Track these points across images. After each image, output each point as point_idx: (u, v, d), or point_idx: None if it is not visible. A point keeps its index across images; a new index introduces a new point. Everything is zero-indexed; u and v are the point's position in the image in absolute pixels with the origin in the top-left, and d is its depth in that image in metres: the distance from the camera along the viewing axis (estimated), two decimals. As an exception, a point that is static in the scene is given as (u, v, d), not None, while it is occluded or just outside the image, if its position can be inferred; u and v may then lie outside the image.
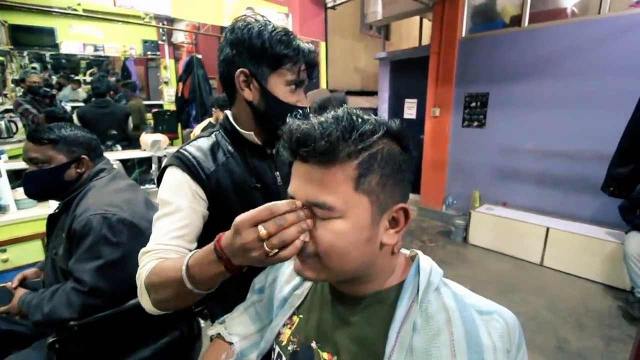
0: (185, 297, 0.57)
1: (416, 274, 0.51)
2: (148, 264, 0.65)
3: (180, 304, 0.62)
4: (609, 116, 2.95)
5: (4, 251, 1.83)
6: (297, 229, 0.42)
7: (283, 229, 0.42)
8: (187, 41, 5.33)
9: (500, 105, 3.70)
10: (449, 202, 4.27)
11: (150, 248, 0.69)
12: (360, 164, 0.43)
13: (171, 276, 0.57)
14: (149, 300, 0.63)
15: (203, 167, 0.77)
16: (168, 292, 0.59)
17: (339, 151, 0.42)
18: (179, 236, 0.71)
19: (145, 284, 0.63)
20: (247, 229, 0.43)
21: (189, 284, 0.54)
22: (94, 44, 4.75)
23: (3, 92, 4.25)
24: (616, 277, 2.70)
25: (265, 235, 0.41)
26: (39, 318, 0.98)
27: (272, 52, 0.74)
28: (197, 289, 0.54)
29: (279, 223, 0.42)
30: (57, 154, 1.12)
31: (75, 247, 1.03)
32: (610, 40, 2.92)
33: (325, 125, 0.43)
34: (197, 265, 0.53)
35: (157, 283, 0.61)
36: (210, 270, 0.51)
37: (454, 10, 3.89)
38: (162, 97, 5.42)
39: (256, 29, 0.75)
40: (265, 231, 0.41)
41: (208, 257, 0.51)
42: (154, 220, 0.74)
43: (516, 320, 0.47)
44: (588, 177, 3.12)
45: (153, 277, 0.62)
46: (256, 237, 0.42)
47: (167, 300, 0.61)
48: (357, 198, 0.44)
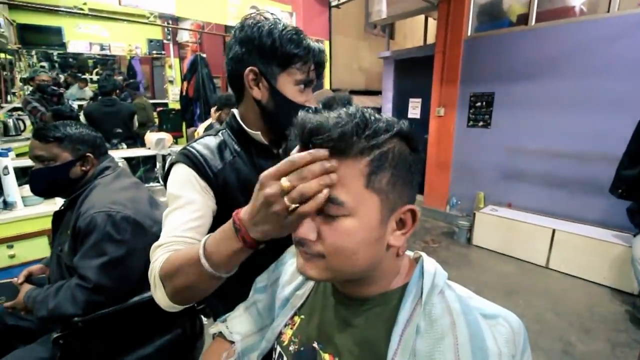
0: (203, 282, 0.55)
1: (420, 276, 0.50)
2: (161, 256, 0.63)
3: (198, 293, 0.59)
4: (617, 117, 2.91)
5: (11, 247, 1.85)
6: (318, 182, 0.40)
7: (305, 181, 0.40)
8: (192, 40, 5.35)
9: (506, 105, 3.67)
10: (453, 203, 4.24)
11: (163, 241, 0.67)
12: (371, 161, 0.42)
13: (187, 261, 0.55)
14: (164, 293, 0.60)
15: (210, 165, 0.76)
16: (185, 279, 0.56)
17: (351, 145, 0.41)
18: (192, 227, 0.69)
19: (159, 275, 0.60)
20: (270, 180, 0.42)
21: (208, 266, 0.51)
22: (100, 43, 4.81)
23: (12, 90, 4.31)
24: (623, 280, 2.67)
25: (288, 187, 0.40)
26: (44, 314, 1.00)
27: (283, 51, 0.74)
28: (217, 272, 0.52)
29: (301, 176, 0.40)
30: (62, 152, 1.13)
31: (79, 244, 1.03)
32: (620, 39, 2.88)
33: (339, 119, 0.42)
34: (215, 245, 0.51)
35: (172, 271, 0.58)
36: (229, 247, 0.49)
37: (459, 9, 3.86)
38: (167, 96, 5.46)
39: (266, 27, 0.74)
40: (288, 183, 0.40)
41: (226, 233, 0.50)
42: (164, 216, 0.73)
43: (521, 324, 0.47)
44: (595, 179, 3.08)
45: (168, 265, 0.59)
46: (278, 189, 0.40)
47: (184, 289, 0.58)
48: (367, 196, 0.43)
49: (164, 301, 0.61)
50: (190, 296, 0.60)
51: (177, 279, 0.57)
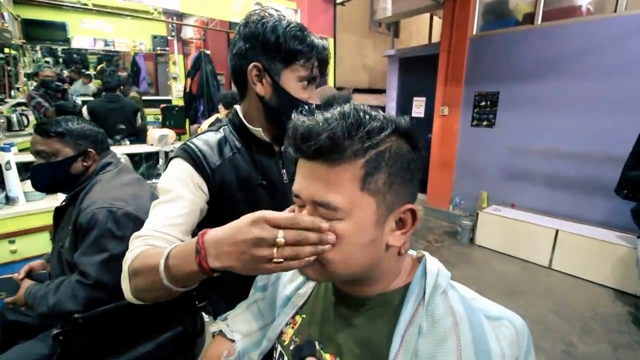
0: (160, 290, 0.53)
1: (423, 276, 0.50)
2: (136, 248, 0.62)
3: (156, 297, 0.58)
4: (622, 117, 2.88)
5: (13, 242, 1.85)
6: (312, 250, 0.40)
7: (301, 244, 0.40)
8: (196, 37, 5.35)
9: (511, 105, 3.64)
10: (456, 202, 4.23)
11: (142, 233, 0.66)
12: (367, 163, 0.41)
13: (150, 265, 0.53)
14: (129, 287, 0.60)
15: (209, 161, 0.76)
16: (145, 282, 0.56)
17: (344, 149, 0.41)
18: (174, 224, 0.69)
19: (128, 268, 0.60)
20: (266, 225, 0.40)
21: (165, 278, 0.50)
22: (104, 39, 4.80)
23: (16, 85, 4.32)
24: (626, 281, 2.65)
25: (282, 242, 0.40)
26: (44, 310, 0.99)
27: (286, 47, 0.73)
28: (173, 285, 0.50)
29: (299, 237, 0.40)
30: (64, 147, 1.12)
31: (80, 240, 1.03)
32: (626, 39, 2.85)
33: (330, 122, 0.41)
34: (176, 258, 0.49)
35: (137, 270, 0.58)
36: (187, 266, 0.47)
37: (465, 8, 3.83)
38: (170, 92, 5.46)
39: (270, 23, 0.74)
40: (284, 239, 0.40)
41: (187, 251, 0.47)
42: (152, 207, 0.72)
43: (525, 326, 0.46)
44: (599, 179, 3.06)
45: (136, 262, 0.59)
46: (271, 238, 0.40)
47: (144, 290, 0.58)
48: (363, 199, 0.42)
49: (127, 295, 0.61)
50: (150, 298, 0.59)
51: (140, 279, 0.57)
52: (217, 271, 0.45)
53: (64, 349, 0.98)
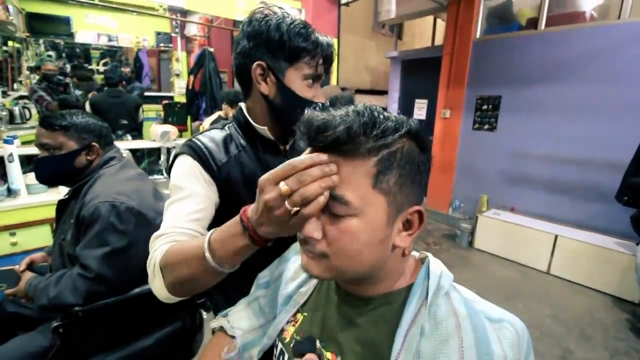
0: (205, 276, 0.54)
1: (426, 277, 0.50)
2: (162, 246, 0.62)
3: (198, 286, 0.58)
4: (624, 124, 2.89)
5: (14, 234, 1.85)
6: (319, 184, 0.40)
7: (305, 184, 0.40)
8: (200, 34, 5.35)
9: (513, 109, 3.65)
10: (456, 205, 4.23)
11: (164, 231, 0.65)
12: (380, 161, 0.42)
13: (191, 253, 0.54)
14: (163, 283, 0.59)
15: (215, 157, 0.76)
16: (186, 271, 0.55)
17: (359, 144, 0.41)
18: (194, 219, 0.69)
19: (160, 264, 0.59)
20: (269, 185, 0.41)
21: (212, 261, 0.50)
22: (108, 34, 4.81)
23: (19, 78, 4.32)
24: (624, 288, 2.65)
25: (287, 191, 0.39)
26: (45, 302, 1.00)
27: (291, 45, 0.73)
28: (220, 267, 0.51)
29: (300, 179, 0.40)
30: (68, 141, 1.13)
31: (82, 234, 1.03)
32: (630, 46, 2.85)
33: (346, 117, 0.41)
34: (220, 240, 0.50)
35: (174, 262, 0.57)
36: (235, 243, 0.49)
37: (469, 11, 3.83)
38: (173, 89, 5.46)
39: (274, 21, 0.73)
40: (287, 187, 0.39)
41: (232, 230, 0.49)
42: (166, 207, 0.72)
43: (525, 329, 0.46)
44: (599, 186, 3.07)
45: (169, 256, 0.58)
46: (278, 194, 0.40)
47: (184, 281, 0.57)
48: (374, 196, 0.42)
49: (161, 292, 0.60)
50: (190, 289, 0.59)
51: (178, 270, 0.56)
52: (269, 240, 0.48)
53: (63, 341, 0.99)
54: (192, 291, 0.60)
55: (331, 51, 0.79)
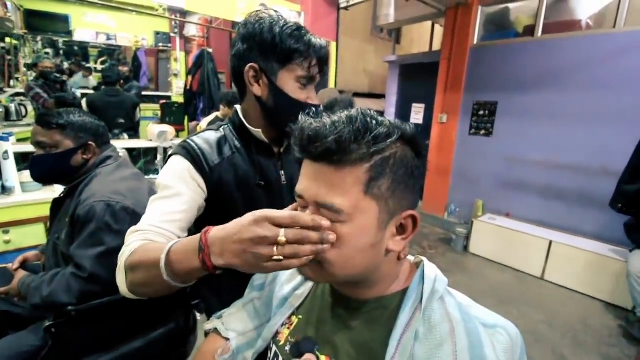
0: (160, 285, 0.53)
1: (420, 281, 0.50)
2: (134, 242, 0.62)
3: (153, 292, 0.58)
4: (619, 132, 2.92)
5: (7, 232, 1.84)
6: (312, 249, 0.41)
7: (301, 243, 0.40)
8: (199, 35, 5.35)
9: (509, 115, 3.68)
10: (452, 210, 4.25)
11: (140, 228, 0.66)
12: (372, 168, 0.42)
13: (152, 259, 0.53)
14: (125, 281, 0.59)
15: (208, 159, 0.76)
16: (143, 277, 0.56)
17: (350, 152, 0.41)
18: (172, 220, 0.69)
19: (125, 262, 0.60)
20: (267, 224, 0.41)
21: (165, 273, 0.50)
22: (106, 33, 4.79)
23: (15, 75, 4.29)
24: (618, 295, 2.67)
25: (283, 241, 0.40)
26: (38, 301, 0.99)
27: (283, 46, 0.73)
28: (173, 280, 0.51)
29: (300, 236, 0.40)
30: (65, 139, 1.12)
31: (77, 233, 1.03)
32: (625, 54, 2.89)
33: (338, 125, 0.42)
34: (178, 254, 0.50)
35: (135, 264, 0.58)
36: (189, 262, 0.48)
37: (466, 17, 3.87)
38: (170, 89, 5.45)
39: (267, 23, 0.73)
40: (284, 238, 0.40)
41: (190, 247, 0.48)
42: (150, 202, 0.72)
43: (519, 335, 0.46)
44: (594, 192, 3.09)
45: (134, 256, 0.59)
46: (273, 237, 0.40)
47: (141, 285, 0.58)
48: (366, 203, 0.43)
49: (123, 289, 0.61)
50: (146, 293, 0.59)
51: (138, 273, 0.57)
52: (219, 269, 0.45)
53: (55, 341, 0.98)
54: (149, 295, 0.60)
55: (325, 53, 0.78)
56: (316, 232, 0.41)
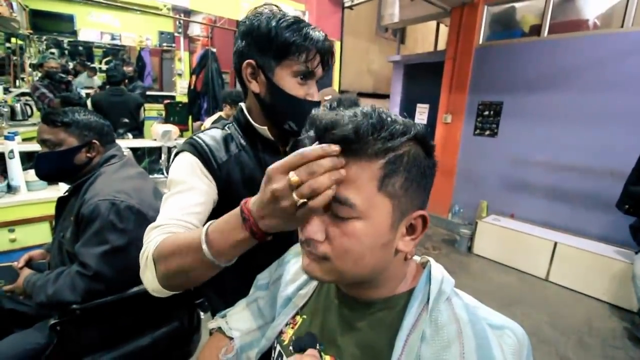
0: (199, 269, 0.52)
1: (427, 281, 0.49)
2: (157, 237, 0.60)
3: (191, 279, 0.56)
4: (625, 133, 2.89)
5: (12, 231, 1.85)
6: (329, 177, 0.39)
7: (315, 176, 0.39)
8: (203, 34, 5.36)
9: (514, 115, 3.65)
10: (456, 211, 4.23)
11: (160, 223, 0.64)
12: (386, 164, 0.41)
13: (186, 244, 0.52)
14: (155, 275, 0.57)
15: (215, 155, 0.75)
16: (180, 263, 0.53)
17: (366, 145, 0.40)
18: (193, 213, 0.67)
19: (153, 255, 0.57)
20: (278, 174, 0.40)
21: (208, 253, 0.49)
22: (111, 33, 4.82)
23: (21, 75, 4.32)
24: (623, 297, 2.65)
25: (296, 182, 0.38)
26: (43, 299, 0.99)
27: (278, 40, 0.70)
28: (217, 260, 0.49)
29: (310, 170, 0.39)
30: (69, 137, 1.13)
31: (82, 231, 1.03)
32: (632, 54, 2.86)
33: (354, 118, 0.41)
34: (218, 232, 0.49)
35: (168, 252, 0.55)
36: (233, 236, 0.47)
37: (472, 17, 3.85)
38: (174, 88, 5.47)
39: (265, 18, 0.72)
40: (297, 177, 0.38)
41: (232, 222, 0.48)
42: (164, 200, 0.70)
43: (526, 336, 0.46)
44: (599, 194, 3.07)
45: (164, 247, 0.56)
46: (287, 184, 0.39)
47: (177, 273, 0.55)
48: (379, 199, 0.42)
49: (153, 284, 0.58)
50: (182, 282, 0.57)
51: (172, 261, 0.54)
52: (269, 234, 0.46)
53: (60, 339, 0.98)
54: (185, 284, 0.58)
55: (326, 46, 0.75)
56: (325, 159, 0.39)
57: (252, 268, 0.72)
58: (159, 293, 0.59)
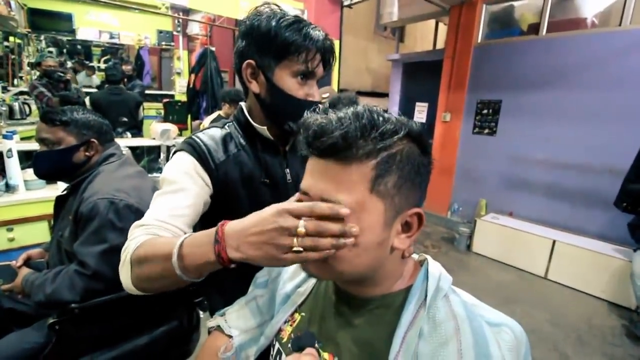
0: (169, 279, 0.52)
1: (425, 279, 0.50)
2: (140, 237, 0.60)
3: (161, 286, 0.56)
4: (623, 131, 2.90)
5: (11, 230, 1.85)
6: (332, 242, 0.40)
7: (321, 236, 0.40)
8: (202, 33, 5.34)
9: (513, 114, 3.65)
10: (455, 209, 4.23)
11: (144, 222, 0.64)
12: (378, 164, 0.42)
13: (162, 253, 0.52)
14: (129, 275, 0.58)
15: (213, 156, 0.75)
16: (152, 270, 0.54)
17: (356, 149, 0.41)
18: (179, 215, 0.67)
19: (131, 256, 0.57)
20: (289, 216, 0.41)
21: (177, 267, 0.49)
22: (109, 32, 4.80)
23: (19, 74, 4.31)
24: (622, 295, 2.65)
25: (302, 232, 0.40)
26: (41, 298, 0.99)
27: (279, 40, 0.70)
28: (185, 275, 0.49)
29: (320, 228, 0.40)
30: (67, 136, 1.12)
31: (81, 230, 1.03)
32: (630, 53, 2.86)
33: (344, 121, 0.41)
34: (191, 247, 0.49)
35: (143, 257, 0.56)
36: (202, 256, 0.47)
37: (470, 15, 3.85)
38: (173, 87, 5.46)
39: (265, 17, 0.72)
40: (304, 229, 0.40)
41: (206, 239, 0.47)
42: (154, 197, 0.71)
43: (524, 334, 0.46)
44: (598, 192, 3.07)
45: (142, 249, 0.57)
46: (293, 227, 0.40)
47: (149, 279, 0.56)
48: (371, 200, 0.42)
49: (126, 282, 0.59)
50: (153, 287, 0.58)
51: (146, 266, 0.55)
52: (235, 262, 0.45)
53: (59, 338, 0.98)
54: (156, 290, 0.58)
55: (327, 45, 0.75)
56: (337, 224, 0.40)
57: (252, 267, 0.72)
58: (131, 292, 0.60)
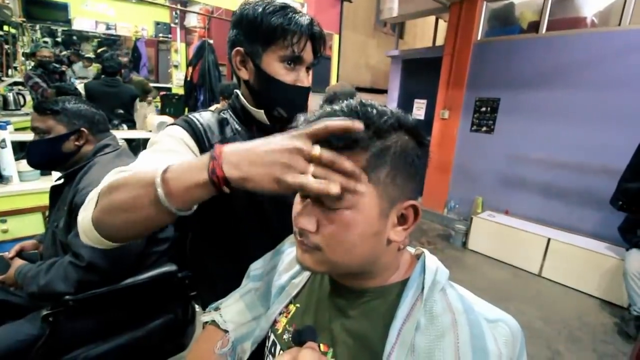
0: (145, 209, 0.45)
1: (421, 272, 0.50)
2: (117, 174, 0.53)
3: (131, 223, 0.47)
4: (620, 131, 2.91)
5: (4, 222, 1.83)
6: (341, 180, 0.39)
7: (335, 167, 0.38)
8: (200, 25, 5.28)
9: (511, 112, 3.66)
10: (451, 206, 4.25)
11: (127, 169, 0.55)
12: (372, 156, 0.42)
13: (139, 177, 0.46)
14: (92, 210, 0.49)
15: (209, 136, 0.75)
16: (127, 196, 0.46)
17: (350, 140, 0.41)
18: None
19: (101, 189, 0.50)
20: (306, 138, 0.39)
21: (160, 190, 0.42)
22: (106, 22, 4.73)
23: (13, 64, 4.25)
24: (614, 293, 2.69)
25: (317, 157, 0.38)
26: (35, 290, 0.98)
27: (264, 25, 0.71)
28: (167, 200, 0.43)
29: (335, 159, 0.38)
30: (57, 125, 1.12)
31: (75, 221, 1.02)
32: (629, 53, 2.87)
33: (338, 113, 0.42)
34: (178, 171, 0.43)
35: (116, 185, 0.48)
36: (192, 176, 0.42)
37: (470, 13, 3.83)
38: (170, 80, 5.41)
39: (252, 4, 0.73)
40: (318, 153, 0.38)
41: (196, 163, 0.43)
42: (140, 155, 0.65)
43: (519, 329, 0.47)
44: (594, 191, 3.09)
45: (115, 180, 0.49)
46: (308, 150, 0.38)
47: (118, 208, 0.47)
48: (368, 189, 0.42)
49: (84, 222, 0.50)
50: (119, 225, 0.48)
51: (118, 194, 0.47)
52: (229, 185, 0.41)
53: (52, 330, 0.97)
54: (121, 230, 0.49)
55: (314, 30, 0.74)
56: (352, 166, 0.39)
57: (246, 263, 0.72)
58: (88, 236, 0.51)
